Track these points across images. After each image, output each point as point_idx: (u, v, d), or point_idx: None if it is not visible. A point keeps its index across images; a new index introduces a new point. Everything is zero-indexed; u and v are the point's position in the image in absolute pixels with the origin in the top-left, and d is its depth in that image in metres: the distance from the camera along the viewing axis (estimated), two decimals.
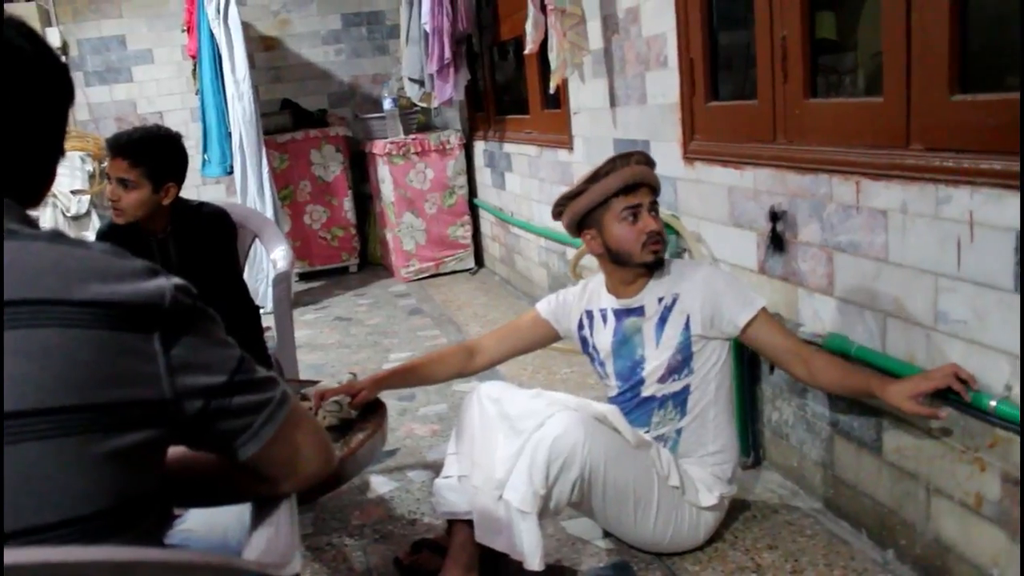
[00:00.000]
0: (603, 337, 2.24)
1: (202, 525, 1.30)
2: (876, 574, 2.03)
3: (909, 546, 2.01)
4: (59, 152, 1.01)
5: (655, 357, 2.14)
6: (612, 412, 2.04)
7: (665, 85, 2.92)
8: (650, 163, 2.16)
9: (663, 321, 2.13)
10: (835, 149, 2.09)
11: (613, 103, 3.40)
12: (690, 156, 2.81)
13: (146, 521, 0.89)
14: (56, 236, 0.90)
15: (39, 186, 1.00)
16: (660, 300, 2.14)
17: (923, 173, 1.80)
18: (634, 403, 2.18)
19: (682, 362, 2.13)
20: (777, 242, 2.36)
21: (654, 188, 2.14)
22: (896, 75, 1.86)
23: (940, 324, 1.81)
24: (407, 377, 2.28)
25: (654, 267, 2.16)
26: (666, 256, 2.20)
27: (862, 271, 2.04)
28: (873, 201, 1.97)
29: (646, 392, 2.17)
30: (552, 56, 3.36)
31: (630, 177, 2.09)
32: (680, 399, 2.15)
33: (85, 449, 0.81)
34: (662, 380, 2.15)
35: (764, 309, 2.10)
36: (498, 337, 2.38)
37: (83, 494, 0.81)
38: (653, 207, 2.13)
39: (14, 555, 0.70)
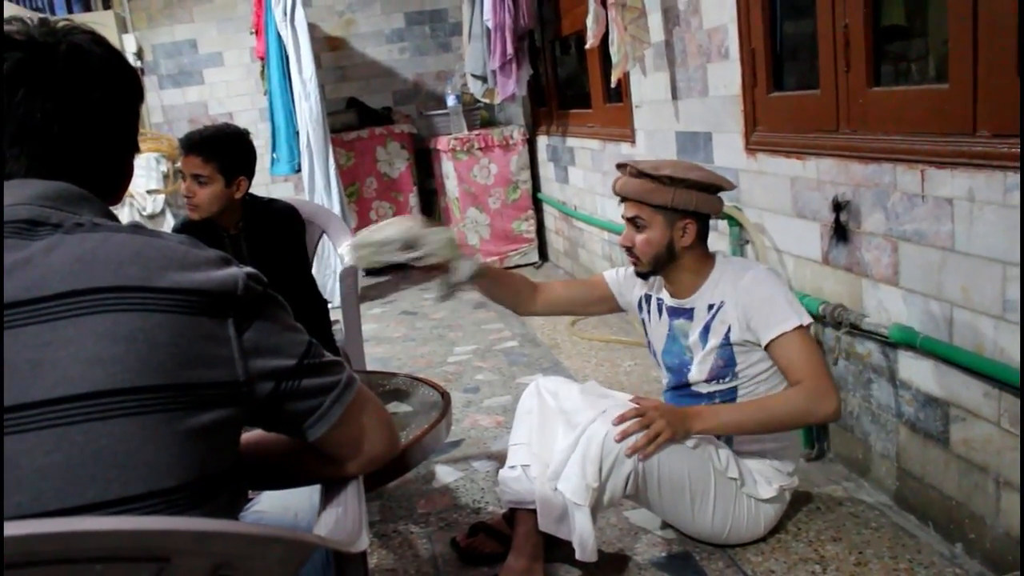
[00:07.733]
0: (657, 330, 2.26)
1: (274, 507, 1.35)
2: (944, 568, 2.00)
3: (978, 540, 1.98)
4: (134, 148, 1.09)
5: (699, 362, 2.13)
6: None
7: (727, 76, 2.91)
8: (641, 175, 2.07)
9: (707, 330, 2.11)
10: (900, 138, 2.07)
11: (675, 95, 3.40)
12: (752, 147, 2.79)
13: (222, 497, 0.94)
14: (137, 228, 0.96)
15: (118, 182, 1.08)
16: (710, 307, 2.11)
17: (991, 160, 1.77)
18: (684, 396, 2.19)
19: (724, 367, 2.11)
20: (841, 232, 2.34)
21: (640, 202, 2.08)
22: (962, 60, 1.83)
23: (1008, 314, 1.78)
24: (503, 278, 2.37)
25: (641, 276, 2.21)
26: (723, 254, 2.20)
27: (928, 261, 2.01)
28: (939, 190, 1.94)
29: (694, 388, 2.18)
30: (613, 50, 3.37)
31: (616, 188, 2.14)
32: (728, 398, 2.14)
33: (168, 426, 0.87)
34: (707, 382, 2.15)
35: (800, 329, 1.96)
36: (563, 285, 2.56)
37: (167, 468, 0.86)
38: (634, 221, 2.11)
39: (107, 523, 0.76)
